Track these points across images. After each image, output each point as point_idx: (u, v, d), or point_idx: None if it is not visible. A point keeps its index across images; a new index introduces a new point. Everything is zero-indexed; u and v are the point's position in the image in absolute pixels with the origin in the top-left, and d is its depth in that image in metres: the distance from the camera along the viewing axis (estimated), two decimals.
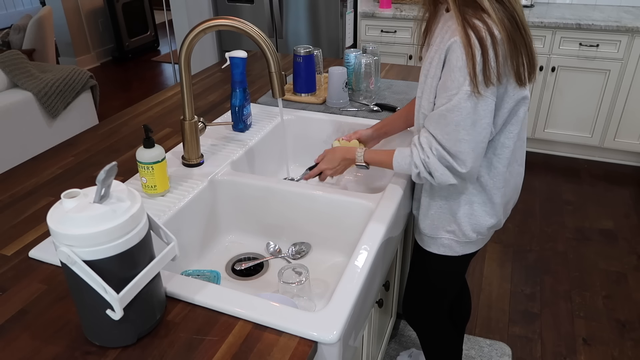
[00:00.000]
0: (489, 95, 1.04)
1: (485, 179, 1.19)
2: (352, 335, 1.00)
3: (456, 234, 1.27)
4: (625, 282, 2.29)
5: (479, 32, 1.00)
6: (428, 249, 1.33)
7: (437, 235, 1.29)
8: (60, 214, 0.75)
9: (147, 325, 0.85)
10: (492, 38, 1.00)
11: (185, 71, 1.25)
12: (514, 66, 1.04)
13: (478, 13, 1.01)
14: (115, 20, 5.33)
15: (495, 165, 1.17)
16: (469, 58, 1.00)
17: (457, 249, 1.30)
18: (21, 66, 2.84)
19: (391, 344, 1.97)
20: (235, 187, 1.34)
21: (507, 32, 1.00)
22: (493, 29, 1.00)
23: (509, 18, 1.01)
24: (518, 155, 1.22)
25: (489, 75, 1.01)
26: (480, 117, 1.05)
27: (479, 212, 1.23)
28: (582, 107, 3.14)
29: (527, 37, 1.05)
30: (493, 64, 1.01)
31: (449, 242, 1.29)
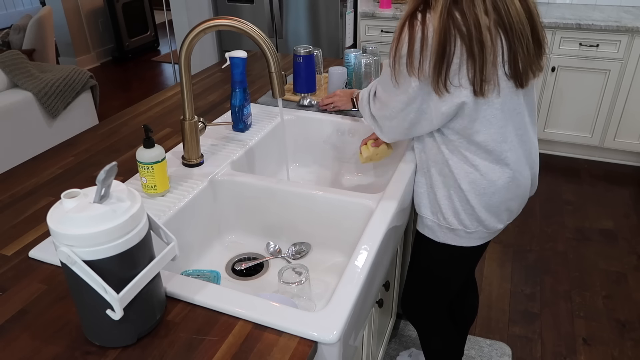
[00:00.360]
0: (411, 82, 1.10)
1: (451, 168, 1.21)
2: (352, 335, 1.00)
3: (436, 216, 1.28)
4: (625, 282, 2.29)
5: (414, 31, 1.05)
6: (418, 228, 1.36)
7: (422, 214, 1.32)
8: (60, 214, 0.75)
9: (147, 325, 0.85)
10: (423, 39, 1.04)
11: (185, 71, 1.25)
12: (437, 74, 1.06)
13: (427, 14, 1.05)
14: (115, 20, 5.33)
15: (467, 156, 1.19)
16: (394, 43, 1.08)
17: (438, 234, 1.30)
18: (21, 66, 2.84)
19: (391, 344, 1.97)
20: (235, 187, 1.34)
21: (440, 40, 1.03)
22: (427, 32, 1.03)
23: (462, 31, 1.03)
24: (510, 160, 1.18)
25: (410, 68, 1.07)
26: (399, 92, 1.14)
27: (456, 199, 1.23)
28: (582, 107, 3.14)
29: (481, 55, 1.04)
30: (417, 59, 1.05)
31: (431, 224, 1.30)
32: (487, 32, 1.03)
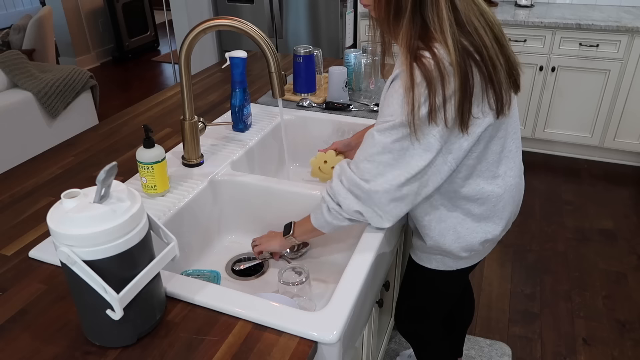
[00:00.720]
0: (432, 135, 0.95)
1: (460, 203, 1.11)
2: (352, 335, 1.00)
3: (447, 255, 1.21)
4: (625, 282, 2.30)
5: (427, 67, 0.90)
6: (421, 263, 1.28)
7: (430, 252, 1.24)
8: (60, 214, 0.75)
9: (147, 325, 0.85)
10: (441, 74, 0.90)
11: (185, 71, 1.25)
12: (463, 113, 0.94)
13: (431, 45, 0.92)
14: (115, 20, 5.33)
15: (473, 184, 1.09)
16: (410, 92, 0.91)
17: (450, 264, 1.24)
18: (21, 66, 2.84)
19: (391, 344, 1.97)
20: (235, 187, 1.34)
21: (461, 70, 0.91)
22: (444, 64, 0.90)
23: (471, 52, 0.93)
24: (507, 167, 1.12)
25: (434, 116, 0.92)
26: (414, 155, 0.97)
27: (464, 234, 1.15)
28: (582, 107, 3.14)
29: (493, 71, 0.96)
30: (440, 103, 0.91)
31: (441, 258, 1.24)
32: (492, 49, 0.96)
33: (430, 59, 0.91)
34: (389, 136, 0.97)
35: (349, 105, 1.71)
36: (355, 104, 1.76)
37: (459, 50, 0.91)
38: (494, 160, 1.08)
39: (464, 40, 0.93)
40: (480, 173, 1.08)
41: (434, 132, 0.95)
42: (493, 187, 1.11)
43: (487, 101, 0.97)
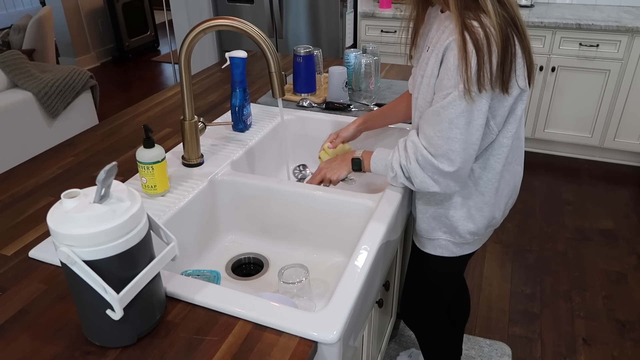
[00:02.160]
0: (483, 97, 1.02)
1: (482, 178, 1.18)
2: (352, 335, 1.00)
3: (452, 235, 1.26)
4: (625, 282, 2.29)
5: (476, 36, 0.98)
6: (425, 250, 1.33)
7: (433, 237, 1.29)
8: (60, 214, 0.75)
9: (147, 325, 0.85)
10: (489, 42, 0.98)
11: (185, 71, 1.25)
12: (504, 73, 1.02)
13: (478, 15, 1.00)
14: (115, 20, 5.33)
15: (492, 164, 1.16)
16: (463, 61, 0.99)
17: (454, 250, 1.29)
18: (21, 66, 2.84)
19: (391, 344, 1.97)
20: (235, 187, 1.34)
21: (504, 37, 0.99)
22: (491, 33, 0.98)
23: (509, 22, 1.00)
24: (517, 155, 1.21)
25: (482, 81, 1.00)
26: (474, 117, 1.04)
27: (475, 214, 1.22)
28: (582, 107, 3.14)
29: (526, 41, 1.04)
30: (487, 69, 0.99)
31: (445, 243, 1.28)
32: (523, 23, 1.04)
33: (479, 27, 0.98)
34: (452, 111, 1.03)
35: (349, 105, 1.71)
36: (355, 104, 1.76)
37: (499, 16, 0.98)
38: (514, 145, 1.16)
39: (502, 10, 1.00)
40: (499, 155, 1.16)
41: (485, 97, 1.02)
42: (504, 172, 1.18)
43: (521, 67, 1.04)
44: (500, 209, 1.24)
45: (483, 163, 1.16)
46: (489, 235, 1.34)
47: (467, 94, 1.00)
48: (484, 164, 1.17)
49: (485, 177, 1.18)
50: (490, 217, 1.23)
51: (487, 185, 1.18)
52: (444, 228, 1.26)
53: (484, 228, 1.25)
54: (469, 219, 1.22)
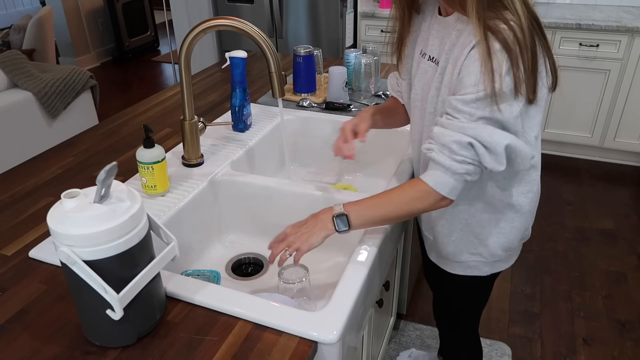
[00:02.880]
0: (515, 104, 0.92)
1: (513, 192, 1.08)
2: (352, 335, 1.00)
3: (483, 255, 1.16)
4: (625, 282, 2.29)
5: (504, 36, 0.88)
6: (452, 272, 1.22)
7: (461, 260, 1.18)
8: (60, 214, 0.75)
9: (147, 325, 0.85)
10: (519, 45, 0.88)
11: (185, 71, 1.25)
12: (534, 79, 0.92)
13: (501, 15, 0.90)
14: (115, 20, 5.33)
15: (524, 176, 1.08)
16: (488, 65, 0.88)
17: (484, 269, 1.19)
18: (21, 66, 2.84)
19: (391, 344, 1.97)
20: (235, 187, 1.34)
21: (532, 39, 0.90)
22: (520, 34, 0.88)
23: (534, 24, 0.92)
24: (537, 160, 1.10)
25: (518, 87, 0.89)
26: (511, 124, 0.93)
27: (507, 229, 1.12)
28: (582, 107, 3.14)
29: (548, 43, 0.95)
30: (522, 72, 0.89)
31: (475, 263, 1.17)
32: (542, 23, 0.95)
33: (506, 28, 0.88)
34: (475, 110, 0.91)
35: (349, 105, 1.71)
36: (355, 104, 1.76)
37: (527, 17, 0.90)
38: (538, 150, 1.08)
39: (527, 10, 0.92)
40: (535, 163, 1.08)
41: (519, 103, 0.91)
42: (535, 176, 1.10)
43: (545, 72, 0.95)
44: (533, 218, 1.17)
45: (514, 176, 1.07)
46: (520, 248, 1.23)
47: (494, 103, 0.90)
48: (514, 177, 1.07)
49: (516, 190, 1.08)
50: (521, 228, 1.14)
51: (519, 198, 1.09)
52: (473, 250, 1.15)
53: (518, 242, 1.16)
54: (500, 236, 1.12)
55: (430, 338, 1.98)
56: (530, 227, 1.19)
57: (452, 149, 0.93)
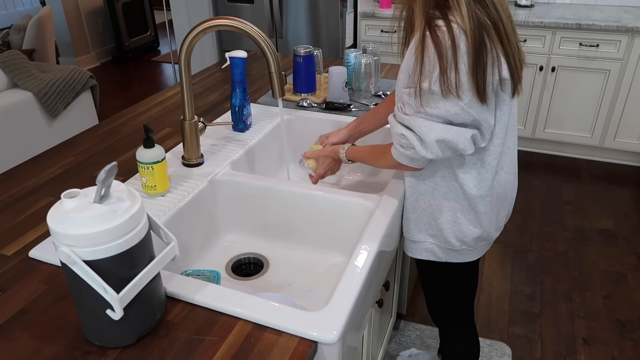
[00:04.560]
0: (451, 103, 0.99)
1: (470, 187, 1.13)
2: (352, 335, 1.00)
3: (438, 239, 1.22)
4: (625, 282, 2.29)
5: (439, 39, 0.93)
6: (411, 255, 1.30)
7: (419, 239, 1.26)
8: (60, 214, 0.75)
9: (147, 325, 0.85)
10: (454, 47, 0.93)
11: (185, 71, 1.25)
12: (478, 82, 0.96)
13: (447, 15, 0.94)
14: (115, 20, 5.33)
15: (482, 174, 1.13)
16: (419, 63, 0.96)
17: (439, 255, 1.25)
18: (21, 66, 2.84)
19: (391, 344, 1.97)
20: (235, 187, 1.34)
21: (476, 43, 0.93)
22: (459, 37, 0.93)
23: (489, 26, 0.95)
24: (504, 163, 1.16)
25: (451, 89, 0.95)
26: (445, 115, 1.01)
27: (462, 221, 1.18)
28: (582, 107, 3.14)
29: (511, 46, 0.98)
30: (453, 76, 0.94)
31: (431, 246, 1.24)
32: (509, 26, 0.98)
33: (444, 29, 0.93)
34: (415, 104, 1.02)
35: (349, 105, 1.71)
36: (355, 104, 1.76)
37: (473, 19, 0.93)
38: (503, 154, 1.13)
39: (481, 12, 0.95)
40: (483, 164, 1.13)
41: (459, 102, 0.98)
42: (491, 181, 1.14)
43: (502, 75, 0.99)
44: (490, 221, 1.20)
45: (474, 172, 1.13)
46: (483, 249, 1.27)
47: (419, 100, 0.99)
48: (474, 173, 1.13)
49: (473, 186, 1.13)
50: (477, 226, 1.18)
51: (474, 194, 1.14)
52: (430, 230, 1.23)
53: (472, 238, 1.20)
54: (454, 224, 1.18)
55: (430, 338, 1.98)
56: (492, 230, 1.21)
57: (396, 137, 1.10)
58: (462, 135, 1.03)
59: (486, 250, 1.29)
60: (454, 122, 1.02)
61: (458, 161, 1.12)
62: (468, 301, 1.40)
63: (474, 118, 1.02)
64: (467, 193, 1.15)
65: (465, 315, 1.44)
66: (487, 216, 1.18)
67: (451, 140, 1.02)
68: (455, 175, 1.14)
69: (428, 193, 1.19)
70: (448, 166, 1.14)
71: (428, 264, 1.30)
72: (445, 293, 1.38)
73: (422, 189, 1.19)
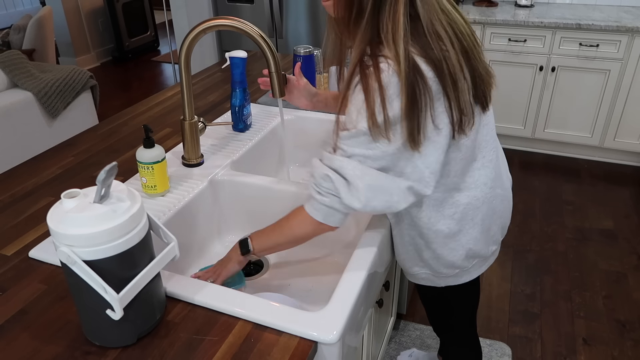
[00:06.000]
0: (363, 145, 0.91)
1: (439, 218, 1.06)
2: (352, 335, 1.00)
3: (430, 269, 1.17)
4: (625, 282, 2.29)
5: (368, 79, 0.87)
6: (410, 279, 1.26)
7: (413, 272, 1.21)
8: (60, 214, 0.75)
9: (147, 325, 0.85)
10: (382, 90, 0.86)
11: (185, 71, 1.25)
12: (409, 128, 0.88)
13: (381, 54, 0.87)
14: (115, 20, 5.33)
15: (444, 198, 1.04)
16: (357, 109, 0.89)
17: (436, 281, 1.20)
18: (21, 66, 2.84)
19: (391, 344, 1.97)
20: (235, 187, 1.34)
21: (408, 83, 0.85)
22: (390, 79, 0.85)
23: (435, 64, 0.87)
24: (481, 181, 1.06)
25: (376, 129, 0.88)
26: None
27: (444, 252, 1.11)
28: (582, 107, 3.14)
29: (460, 87, 0.90)
30: (382, 119, 0.87)
31: (426, 276, 1.19)
32: (456, 63, 0.90)
33: (373, 71, 0.86)
34: (348, 147, 0.93)
35: None
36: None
37: (409, 62, 0.85)
38: (460, 170, 1.03)
39: (419, 51, 0.87)
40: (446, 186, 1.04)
41: (390, 145, 0.90)
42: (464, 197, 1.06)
43: (443, 119, 0.91)
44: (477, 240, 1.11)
45: (434, 205, 1.04)
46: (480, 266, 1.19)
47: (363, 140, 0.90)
48: (434, 206, 1.04)
49: (440, 214, 1.05)
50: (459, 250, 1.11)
51: (446, 221, 1.06)
52: (420, 263, 1.17)
53: (461, 261, 1.13)
54: (437, 259, 1.12)
55: (430, 338, 1.98)
56: (480, 246, 1.13)
57: (317, 181, 0.97)
58: (396, 186, 0.94)
59: (486, 266, 1.22)
60: (389, 168, 0.93)
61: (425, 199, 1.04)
62: (470, 315, 1.38)
63: (414, 165, 0.93)
64: (435, 230, 1.07)
65: (468, 328, 1.42)
66: (464, 235, 1.10)
67: (385, 190, 0.93)
68: (416, 211, 1.06)
69: (405, 235, 1.13)
70: (416, 204, 1.05)
71: (427, 287, 1.25)
72: (446, 311, 1.36)
73: (403, 226, 1.12)
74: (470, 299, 1.33)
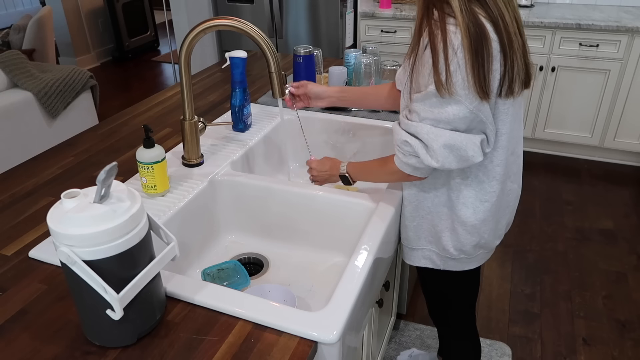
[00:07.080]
0: (451, 102, 0.97)
1: (472, 195, 1.12)
2: (352, 335, 1.00)
3: (437, 246, 1.22)
4: (625, 282, 2.29)
5: (433, 37, 0.94)
6: (410, 262, 1.30)
7: (417, 247, 1.25)
8: (60, 214, 0.75)
9: (147, 325, 0.85)
10: (445, 45, 0.93)
11: (185, 71, 1.25)
12: (476, 79, 0.94)
13: (443, 13, 0.95)
14: (115, 20, 5.33)
15: (483, 181, 1.11)
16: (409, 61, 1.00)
17: (438, 263, 1.24)
18: (21, 66, 2.84)
19: (391, 344, 1.97)
20: (235, 187, 1.34)
21: (472, 39, 0.92)
22: (454, 34, 0.92)
23: (491, 22, 0.94)
24: (511, 172, 1.15)
25: (447, 86, 0.94)
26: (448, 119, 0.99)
27: (460, 231, 1.16)
28: (582, 107, 3.14)
29: (517, 43, 0.97)
30: (443, 75, 0.94)
31: (429, 253, 1.24)
32: (512, 26, 0.96)
33: (437, 28, 0.94)
34: (421, 111, 1.01)
35: None
36: None
37: (473, 19, 0.92)
38: (508, 161, 1.12)
39: (480, 10, 0.94)
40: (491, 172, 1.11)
41: (466, 104, 0.96)
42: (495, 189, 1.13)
43: (500, 75, 0.98)
44: (490, 229, 1.18)
45: (476, 180, 1.11)
46: (483, 257, 1.26)
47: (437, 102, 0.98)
48: (476, 181, 1.11)
49: (475, 194, 1.12)
50: (475, 234, 1.17)
51: (475, 203, 1.13)
52: (429, 237, 1.22)
53: (470, 247, 1.18)
54: (453, 233, 1.17)
55: (430, 338, 1.98)
56: (491, 238, 1.20)
57: (399, 145, 1.07)
58: (470, 142, 1.01)
59: (486, 258, 1.27)
60: (459, 128, 1.00)
61: (460, 170, 1.10)
62: (469, 308, 1.40)
63: (481, 120, 1.00)
64: (470, 202, 1.13)
65: (466, 321, 1.43)
66: (486, 224, 1.16)
67: (460, 147, 1.00)
68: (456, 183, 1.12)
69: (429, 200, 1.18)
70: (449, 174, 1.12)
71: (427, 271, 1.30)
72: (445, 300, 1.38)
73: (423, 197, 1.18)
74: (469, 290, 1.35)
